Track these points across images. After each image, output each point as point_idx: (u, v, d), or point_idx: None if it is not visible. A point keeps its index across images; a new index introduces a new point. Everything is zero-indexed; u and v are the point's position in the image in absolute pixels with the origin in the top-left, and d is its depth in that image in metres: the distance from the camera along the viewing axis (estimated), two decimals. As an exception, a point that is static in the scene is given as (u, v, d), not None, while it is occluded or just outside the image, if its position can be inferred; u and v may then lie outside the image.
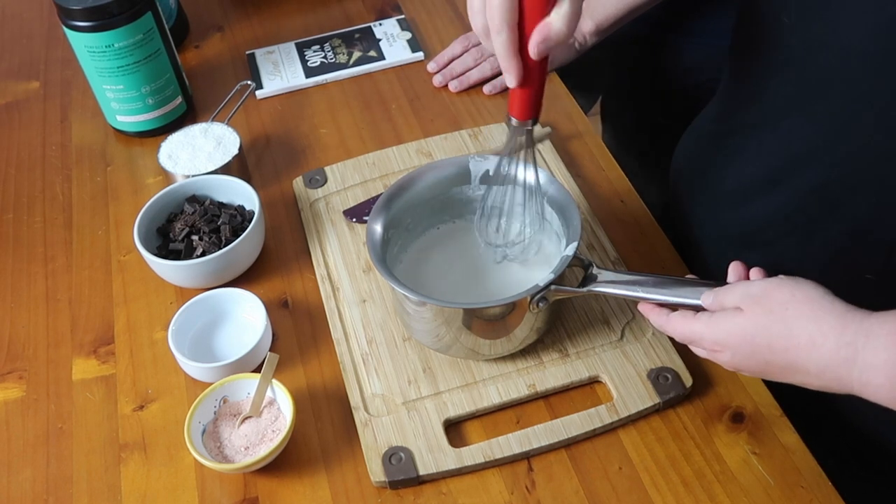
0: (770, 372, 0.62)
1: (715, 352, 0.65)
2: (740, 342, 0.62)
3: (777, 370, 0.61)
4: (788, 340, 0.59)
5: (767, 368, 0.62)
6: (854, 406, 0.77)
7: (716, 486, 0.70)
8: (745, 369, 0.64)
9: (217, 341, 0.83)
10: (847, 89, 0.66)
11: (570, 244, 0.73)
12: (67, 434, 0.79)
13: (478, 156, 0.82)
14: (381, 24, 1.19)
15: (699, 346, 0.67)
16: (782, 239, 0.78)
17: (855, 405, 0.70)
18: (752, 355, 0.62)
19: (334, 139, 1.05)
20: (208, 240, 0.87)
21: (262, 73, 1.14)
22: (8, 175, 1.06)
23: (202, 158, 0.96)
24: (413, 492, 0.72)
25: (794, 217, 0.75)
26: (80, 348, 0.86)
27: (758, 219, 0.79)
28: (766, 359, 0.61)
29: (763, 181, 0.77)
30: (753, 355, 0.62)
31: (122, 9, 0.95)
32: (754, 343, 0.61)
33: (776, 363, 0.60)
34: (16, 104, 1.16)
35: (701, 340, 0.66)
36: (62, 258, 0.94)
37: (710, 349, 0.65)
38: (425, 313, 0.75)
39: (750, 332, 0.61)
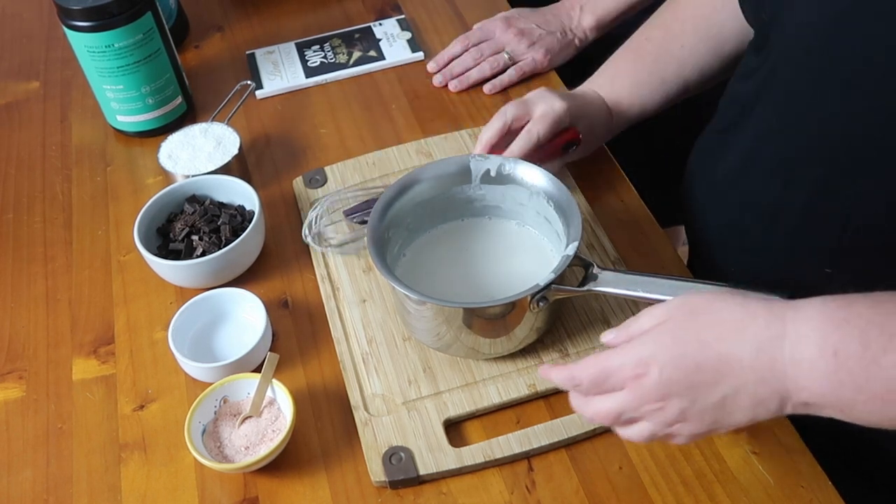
0: (702, 380, 0.57)
1: (640, 377, 0.58)
2: (667, 346, 0.59)
3: (710, 374, 0.57)
4: (718, 326, 0.58)
5: (699, 377, 0.57)
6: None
7: (716, 486, 0.70)
8: (675, 387, 0.58)
9: (217, 341, 0.83)
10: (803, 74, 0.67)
11: (571, 244, 0.73)
12: (67, 434, 0.79)
13: (478, 155, 0.82)
14: (381, 24, 1.19)
15: (617, 377, 0.60)
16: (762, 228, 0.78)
17: None
18: (681, 358, 0.58)
19: (334, 139, 1.05)
20: (208, 240, 0.87)
21: (262, 73, 1.14)
22: (8, 175, 1.06)
23: (202, 158, 0.96)
24: (413, 492, 0.72)
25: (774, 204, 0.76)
26: (80, 348, 0.86)
27: (743, 212, 0.80)
28: (696, 361, 0.57)
29: (740, 174, 0.78)
30: (683, 358, 0.58)
31: (122, 9, 0.95)
32: (682, 341, 0.58)
33: (708, 363, 0.57)
34: (16, 104, 1.16)
35: (621, 369, 0.59)
36: (62, 258, 0.94)
37: (635, 374, 0.59)
38: (426, 312, 0.75)
39: (676, 332, 0.59)
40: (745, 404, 0.57)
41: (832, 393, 0.55)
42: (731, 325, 0.58)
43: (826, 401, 0.56)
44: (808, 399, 0.56)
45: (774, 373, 0.56)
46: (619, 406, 0.60)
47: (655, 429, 0.60)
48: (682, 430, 0.60)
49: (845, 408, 0.56)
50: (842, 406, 0.56)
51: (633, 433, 0.61)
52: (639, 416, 0.60)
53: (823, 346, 0.55)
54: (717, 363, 0.57)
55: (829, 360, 0.55)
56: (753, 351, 0.57)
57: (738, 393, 0.57)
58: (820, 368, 0.55)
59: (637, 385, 0.59)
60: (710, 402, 0.58)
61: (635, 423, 0.61)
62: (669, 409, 0.59)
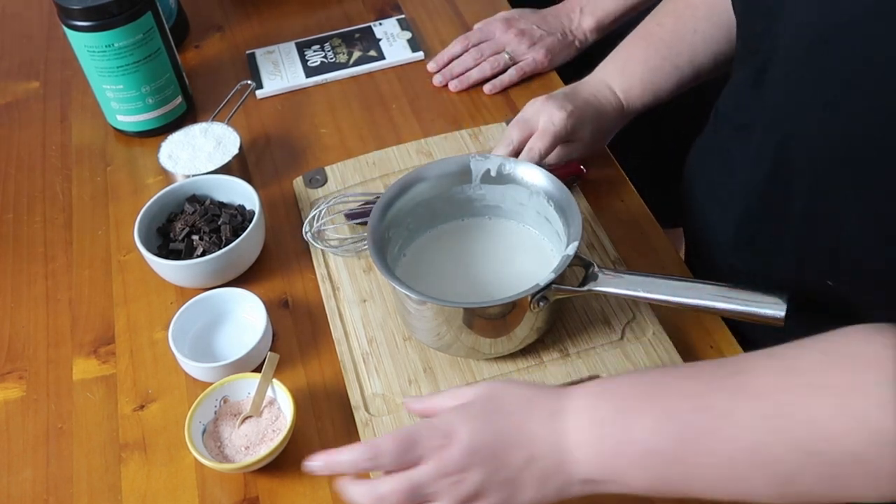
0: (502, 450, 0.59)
1: (444, 447, 0.59)
2: (473, 416, 0.61)
3: (510, 444, 0.59)
4: (517, 400, 0.61)
5: (500, 447, 0.59)
6: None
7: (716, 486, 0.70)
8: (477, 457, 0.59)
9: (217, 341, 0.83)
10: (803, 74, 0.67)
11: (571, 244, 0.73)
12: (67, 434, 0.79)
13: (479, 155, 0.82)
14: (381, 24, 1.19)
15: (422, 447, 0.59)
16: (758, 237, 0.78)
17: None
18: (486, 427, 0.60)
19: (334, 139, 1.05)
20: (208, 240, 0.87)
21: (262, 72, 1.14)
22: (8, 175, 1.06)
23: (202, 158, 0.96)
24: (413, 492, 0.72)
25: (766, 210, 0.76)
26: (80, 348, 0.86)
27: (742, 218, 0.80)
28: (499, 430, 0.60)
29: (739, 175, 0.78)
30: (487, 427, 0.60)
31: (122, 9, 0.95)
32: (486, 412, 0.61)
33: (509, 433, 0.60)
34: (16, 104, 1.16)
35: (427, 438, 0.60)
36: (62, 258, 0.94)
37: (440, 445, 0.59)
38: (426, 312, 0.75)
39: (481, 406, 0.61)
40: (535, 478, 0.59)
41: (601, 462, 0.58)
42: (527, 400, 0.61)
43: (600, 472, 0.59)
44: (587, 473, 0.59)
45: (559, 445, 0.59)
46: (418, 478, 0.59)
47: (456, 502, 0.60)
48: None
49: (619, 475, 0.58)
50: (616, 474, 0.58)
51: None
52: (435, 493, 0.59)
53: (592, 416, 0.59)
54: (517, 434, 0.60)
55: (595, 430, 0.59)
56: (540, 422, 0.60)
57: (530, 465, 0.59)
58: (589, 438, 0.59)
59: (440, 456, 0.59)
60: (507, 475, 0.59)
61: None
62: (468, 482, 0.59)
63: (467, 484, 0.59)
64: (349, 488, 0.61)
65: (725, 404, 0.56)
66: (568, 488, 0.59)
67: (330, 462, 0.61)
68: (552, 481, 0.59)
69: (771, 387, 0.56)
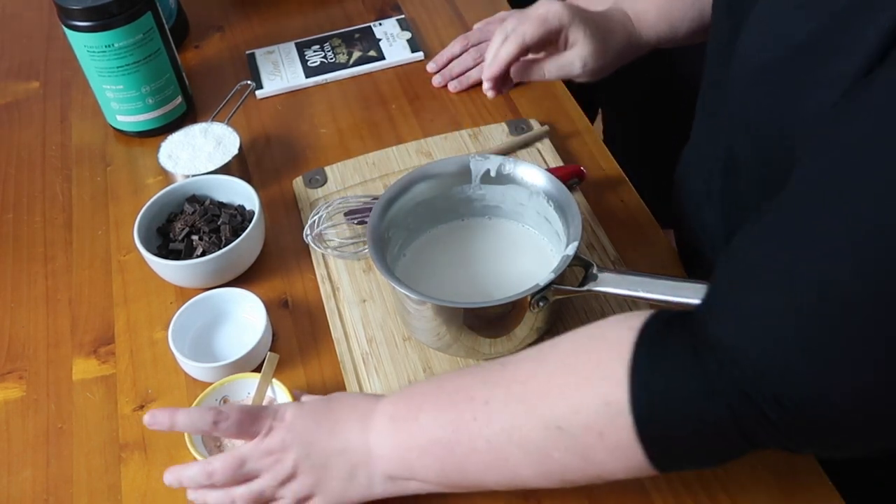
0: (320, 436, 0.65)
1: (280, 460, 0.65)
2: (294, 409, 0.67)
3: (326, 431, 0.65)
4: (338, 402, 0.68)
5: (318, 433, 0.65)
6: None
7: (716, 486, 0.70)
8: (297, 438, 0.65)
9: (217, 341, 0.83)
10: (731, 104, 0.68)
11: (571, 244, 0.73)
12: (67, 434, 0.79)
13: (478, 155, 0.82)
14: (381, 24, 1.19)
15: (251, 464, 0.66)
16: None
17: None
18: (306, 416, 0.66)
19: (334, 139, 1.05)
20: (208, 240, 0.87)
21: (262, 72, 1.14)
22: (8, 175, 1.06)
23: (202, 158, 0.96)
24: (413, 492, 0.72)
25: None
26: (80, 348, 0.86)
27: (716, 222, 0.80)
28: (318, 420, 0.66)
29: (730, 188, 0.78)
30: (308, 416, 0.66)
31: (121, 9, 0.95)
32: (311, 410, 0.67)
33: (327, 423, 0.66)
34: (16, 104, 1.16)
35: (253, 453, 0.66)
36: (62, 258, 0.94)
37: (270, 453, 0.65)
38: (426, 312, 0.75)
39: (309, 402, 0.69)
40: (344, 469, 0.65)
41: (397, 455, 0.64)
42: (351, 403, 0.68)
43: (397, 466, 0.64)
44: (386, 469, 0.64)
45: (366, 443, 0.64)
46: (241, 455, 0.65)
47: (265, 483, 0.65)
48: (288, 490, 0.65)
49: (413, 469, 0.64)
50: (411, 469, 0.64)
51: (243, 490, 0.66)
52: (257, 469, 0.65)
53: (387, 413, 0.65)
54: (335, 426, 0.66)
55: (389, 424, 0.64)
56: (357, 417, 0.66)
57: (341, 456, 0.65)
58: (386, 432, 0.64)
59: (266, 436, 0.66)
60: (319, 460, 0.65)
61: (252, 481, 0.66)
62: (286, 461, 0.65)
63: (285, 464, 0.65)
64: (182, 472, 0.67)
65: (486, 393, 0.61)
66: (372, 485, 0.65)
67: (177, 476, 0.67)
68: (358, 476, 0.64)
69: (526, 373, 0.61)
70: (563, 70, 0.88)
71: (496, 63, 0.88)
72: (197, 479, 0.66)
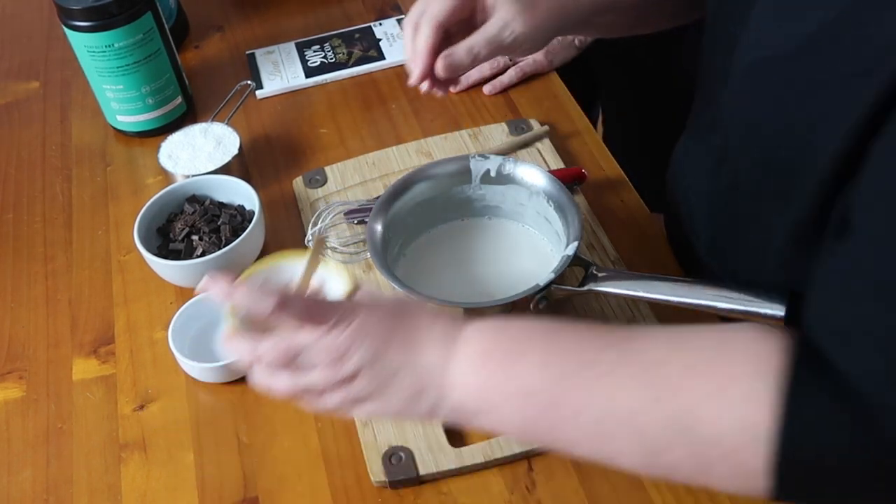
0: (392, 340, 0.59)
1: (341, 359, 0.58)
2: (368, 314, 0.59)
3: (400, 339, 0.59)
4: (416, 310, 0.62)
5: (391, 336, 0.59)
6: None
7: (716, 486, 0.70)
8: (366, 339, 0.58)
9: (217, 341, 0.83)
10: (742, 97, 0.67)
11: (571, 244, 0.73)
12: (67, 434, 0.79)
13: (478, 155, 0.82)
14: (381, 24, 1.19)
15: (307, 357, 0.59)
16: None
17: None
18: (381, 319, 0.60)
19: (334, 139, 1.05)
20: (208, 240, 0.87)
21: (262, 73, 1.14)
22: (8, 175, 1.06)
23: (202, 158, 0.96)
24: (413, 492, 0.72)
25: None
26: (80, 348, 0.86)
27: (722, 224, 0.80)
28: (394, 324, 0.60)
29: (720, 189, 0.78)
30: (385, 320, 0.60)
31: (122, 9, 0.95)
32: (394, 306, 0.61)
33: (402, 329, 0.60)
34: (16, 104, 1.16)
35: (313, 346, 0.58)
36: (62, 258, 0.94)
37: (333, 350, 0.58)
38: (425, 313, 0.75)
39: (382, 305, 0.61)
40: (410, 386, 0.59)
41: (480, 391, 0.58)
42: (430, 316, 0.62)
43: (473, 401, 0.59)
44: (460, 399, 0.59)
45: (444, 365, 0.59)
46: (297, 344, 0.59)
47: (318, 380, 0.59)
48: (341, 392, 0.59)
49: (491, 411, 0.58)
50: (488, 408, 0.59)
51: (288, 382, 0.60)
52: (313, 362, 0.59)
53: (479, 345, 0.59)
54: (410, 338, 0.60)
55: (481, 358, 0.59)
56: (437, 335, 0.60)
57: (410, 371, 0.59)
58: (473, 364, 0.59)
59: (330, 333, 0.58)
60: (386, 370, 0.59)
61: (301, 373, 0.60)
62: (349, 362, 0.58)
63: (346, 365, 0.58)
64: (232, 342, 0.62)
65: (611, 364, 0.56)
66: (437, 410, 0.59)
67: (227, 348, 0.62)
68: (424, 397, 0.59)
69: (658, 359, 0.56)
70: (492, 44, 0.73)
71: (419, 60, 0.74)
72: (243, 357, 0.61)
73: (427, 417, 0.61)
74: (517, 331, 0.61)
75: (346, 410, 0.61)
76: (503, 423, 0.60)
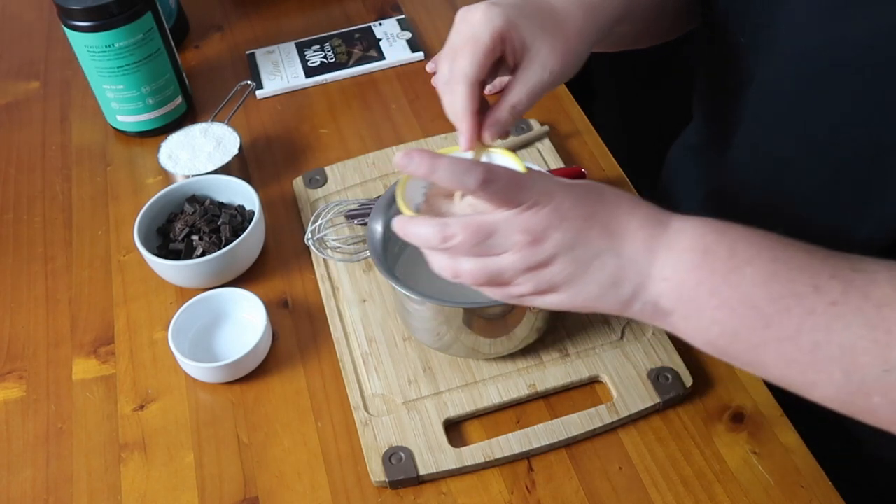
0: (590, 226, 0.55)
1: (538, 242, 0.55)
2: (566, 195, 0.56)
3: (598, 228, 0.56)
4: (616, 196, 0.58)
5: (589, 222, 0.56)
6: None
7: (716, 486, 0.70)
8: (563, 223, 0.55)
9: (217, 341, 0.83)
10: (794, 106, 0.67)
11: (571, 244, 0.73)
12: (67, 434, 0.79)
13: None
14: (381, 24, 1.19)
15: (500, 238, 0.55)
16: None
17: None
18: (578, 202, 0.56)
19: (334, 139, 1.05)
20: (208, 240, 0.87)
21: (262, 73, 1.14)
22: (8, 175, 1.06)
23: (202, 158, 0.96)
24: (413, 491, 0.72)
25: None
26: (80, 348, 0.86)
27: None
28: (594, 208, 0.56)
29: (729, 195, 0.78)
30: (583, 202, 0.56)
31: (122, 9, 0.95)
32: (591, 189, 0.57)
33: (601, 215, 0.56)
34: (16, 104, 1.16)
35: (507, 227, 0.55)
36: (62, 258, 0.94)
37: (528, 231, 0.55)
38: (425, 312, 0.75)
39: (577, 186, 0.58)
40: (608, 274, 0.56)
41: (689, 290, 0.54)
42: (627, 200, 0.58)
43: (679, 299, 0.55)
44: (663, 293, 0.55)
45: (647, 253, 0.55)
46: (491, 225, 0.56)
47: (510, 264, 0.56)
48: (532, 278, 0.56)
49: (693, 314, 0.55)
50: (692, 310, 0.55)
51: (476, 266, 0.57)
52: (503, 247, 0.56)
53: (697, 241, 0.55)
54: (611, 220, 0.56)
55: (697, 255, 0.55)
56: (641, 223, 0.56)
57: (610, 256, 0.56)
58: (687, 260, 0.55)
59: (520, 212, 0.55)
60: (583, 254, 0.55)
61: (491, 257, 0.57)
62: (544, 245, 0.55)
63: (542, 248, 0.55)
64: (412, 227, 0.58)
65: (836, 293, 0.52)
66: (632, 303, 0.56)
67: (405, 229, 0.58)
68: (622, 287, 0.56)
69: (883, 296, 0.52)
70: (533, 90, 0.65)
71: (463, 126, 0.64)
72: (428, 240, 0.57)
73: (618, 310, 0.57)
74: (740, 235, 0.56)
75: (533, 300, 0.57)
76: (697, 330, 0.56)
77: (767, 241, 0.55)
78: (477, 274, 0.57)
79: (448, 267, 0.58)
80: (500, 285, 0.57)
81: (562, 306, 0.57)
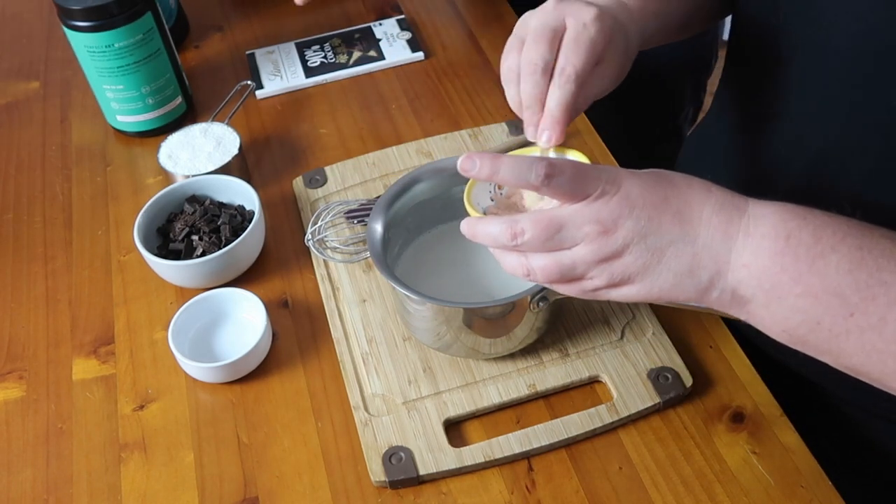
0: (663, 213, 0.54)
1: (609, 232, 0.54)
2: (634, 183, 0.55)
3: (672, 212, 0.54)
4: (688, 182, 0.56)
5: (661, 209, 0.54)
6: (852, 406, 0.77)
7: (716, 486, 0.70)
8: (635, 211, 0.54)
9: (217, 341, 0.83)
10: (830, 89, 0.66)
11: (571, 244, 0.73)
12: (67, 434, 0.79)
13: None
14: (381, 24, 1.19)
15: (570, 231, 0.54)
16: None
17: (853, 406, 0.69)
18: (650, 189, 0.55)
19: (334, 139, 1.05)
20: (208, 240, 0.87)
21: (262, 73, 1.14)
22: (8, 175, 1.06)
23: (202, 158, 0.96)
24: (413, 491, 0.72)
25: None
26: (80, 348, 0.86)
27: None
28: (665, 194, 0.55)
29: (754, 182, 0.77)
30: (653, 189, 0.55)
31: (122, 9, 0.95)
32: (653, 180, 0.56)
33: (674, 202, 0.55)
34: (16, 104, 1.16)
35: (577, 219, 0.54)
36: (62, 258, 0.94)
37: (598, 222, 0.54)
38: (425, 312, 0.75)
39: (646, 173, 0.56)
40: (683, 262, 0.54)
41: (770, 277, 0.53)
42: (699, 184, 0.56)
43: (759, 287, 0.54)
44: (742, 280, 0.54)
45: (724, 239, 0.54)
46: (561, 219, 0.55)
47: (583, 256, 0.55)
48: (605, 270, 0.55)
49: (774, 301, 0.53)
50: (772, 298, 0.54)
51: (548, 261, 0.56)
52: (574, 240, 0.55)
53: (778, 227, 0.54)
54: (685, 207, 0.55)
55: (779, 241, 0.53)
56: (715, 208, 0.55)
57: (685, 244, 0.54)
58: (768, 246, 0.53)
59: (589, 203, 0.54)
60: (656, 242, 0.54)
61: (562, 251, 0.56)
62: (616, 236, 0.54)
63: (614, 238, 0.54)
64: (481, 227, 0.58)
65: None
66: (710, 291, 0.55)
67: (474, 229, 0.58)
68: (699, 275, 0.54)
69: None
70: (595, 97, 0.68)
71: (555, 124, 0.65)
72: (497, 239, 0.56)
73: (696, 298, 0.55)
74: (823, 221, 0.54)
75: (608, 293, 0.56)
76: (777, 318, 0.54)
77: (850, 228, 0.54)
78: (549, 269, 0.56)
79: (520, 265, 0.57)
80: (574, 280, 0.56)
81: (638, 297, 0.56)
